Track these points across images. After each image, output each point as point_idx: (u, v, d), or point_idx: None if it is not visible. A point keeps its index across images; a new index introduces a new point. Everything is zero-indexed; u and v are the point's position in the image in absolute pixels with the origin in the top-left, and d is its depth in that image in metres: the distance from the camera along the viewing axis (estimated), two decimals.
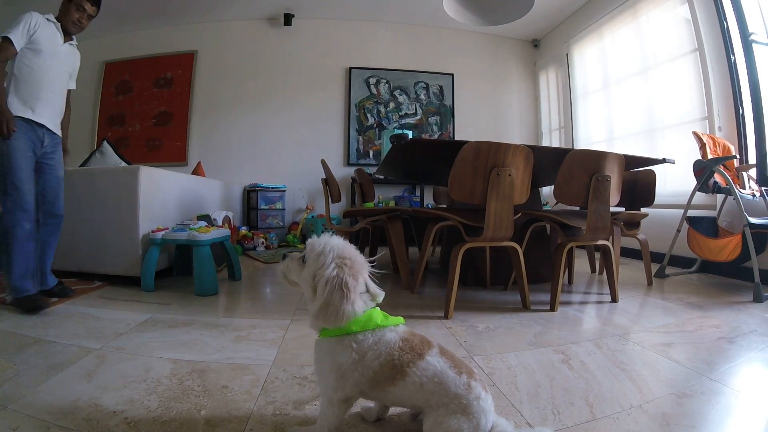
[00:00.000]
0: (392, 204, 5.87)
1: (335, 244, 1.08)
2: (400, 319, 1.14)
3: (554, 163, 2.55)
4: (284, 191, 6.13)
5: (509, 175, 2.30)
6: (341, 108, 6.61)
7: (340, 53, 6.66)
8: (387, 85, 6.63)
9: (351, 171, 6.15)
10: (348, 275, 1.02)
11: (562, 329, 2.20)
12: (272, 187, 6.04)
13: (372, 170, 5.91)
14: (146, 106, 6.64)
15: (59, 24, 2.66)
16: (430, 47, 6.83)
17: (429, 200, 6.19)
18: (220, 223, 4.03)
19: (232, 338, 2.01)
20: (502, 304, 2.73)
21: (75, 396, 1.40)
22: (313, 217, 6.00)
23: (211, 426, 1.21)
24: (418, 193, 6.23)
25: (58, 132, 2.81)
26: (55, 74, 2.69)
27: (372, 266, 1.14)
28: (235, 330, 2.13)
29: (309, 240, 1.12)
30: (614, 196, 2.59)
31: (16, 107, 2.50)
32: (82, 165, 3.98)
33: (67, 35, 2.72)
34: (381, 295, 1.12)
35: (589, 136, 5.97)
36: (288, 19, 6.46)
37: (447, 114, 6.72)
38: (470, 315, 2.43)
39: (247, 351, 1.83)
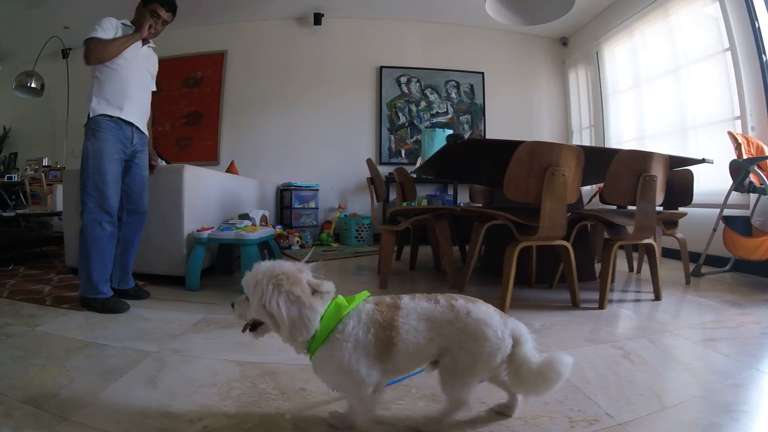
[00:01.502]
0: (424, 203, 6.04)
1: (263, 269, 1.10)
2: (365, 293, 1.20)
3: (588, 163, 2.62)
4: (317, 190, 6.39)
5: (563, 174, 2.42)
6: (372, 107, 6.85)
7: (371, 52, 6.88)
8: (418, 83, 6.87)
9: (383, 170, 6.25)
10: (290, 286, 1.05)
11: (614, 326, 2.35)
12: (305, 186, 6.30)
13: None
14: (175, 106, 6.89)
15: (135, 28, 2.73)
16: (460, 46, 7.04)
17: (462, 199, 6.38)
18: (257, 222, 4.15)
19: None
20: (550, 301, 2.85)
21: (142, 403, 1.38)
22: (345, 216, 6.25)
23: (301, 431, 1.22)
24: (450, 192, 6.43)
25: (146, 131, 2.89)
26: (138, 74, 2.77)
27: (310, 267, 1.18)
28: None
29: (242, 281, 1.14)
30: (659, 196, 2.71)
31: (103, 107, 2.58)
32: None
33: (144, 39, 2.77)
34: (329, 284, 1.14)
35: (620, 135, 6.13)
36: (318, 18, 6.69)
37: (478, 112, 6.94)
38: (523, 313, 2.51)
39: None
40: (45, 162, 7.51)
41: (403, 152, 6.80)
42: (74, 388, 1.49)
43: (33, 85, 6.67)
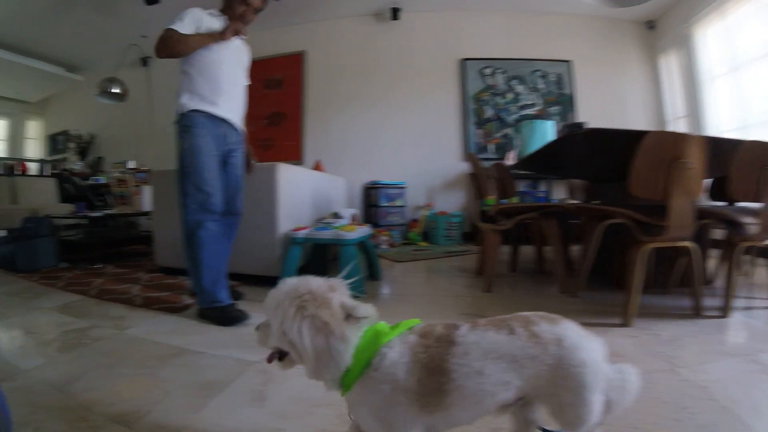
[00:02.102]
0: (515, 200, 5.78)
1: (287, 287, 0.93)
2: (414, 320, 0.98)
3: None
4: (404, 188, 6.33)
5: (691, 167, 2.20)
6: (457, 101, 6.71)
7: (452, 44, 6.74)
8: (503, 75, 6.68)
9: (470, 166, 6.11)
10: (316, 309, 0.87)
11: (745, 337, 2.16)
12: (392, 184, 6.25)
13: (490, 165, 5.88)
14: (257, 108, 6.90)
15: (225, 17, 2.59)
16: (543, 34, 6.80)
17: (556, 195, 6.15)
18: (348, 221, 4.10)
19: None
20: (668, 309, 2.62)
21: (251, 425, 1.26)
22: (433, 214, 6.16)
23: None
24: (543, 189, 6.15)
25: (241, 128, 2.78)
26: (231, 68, 2.63)
27: (347, 284, 0.99)
28: None
29: (265, 302, 0.97)
30: None
31: (196, 102, 2.45)
32: None
33: (235, 31, 2.60)
34: (367, 307, 0.93)
35: (719, 124, 5.73)
36: (395, 13, 6.61)
37: (567, 103, 6.68)
38: (647, 322, 2.31)
39: None
40: (130, 165, 7.74)
41: (490, 147, 6.64)
42: (169, 405, 1.37)
43: (116, 91, 6.97)
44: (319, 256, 3.58)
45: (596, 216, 2.76)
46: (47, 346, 2.02)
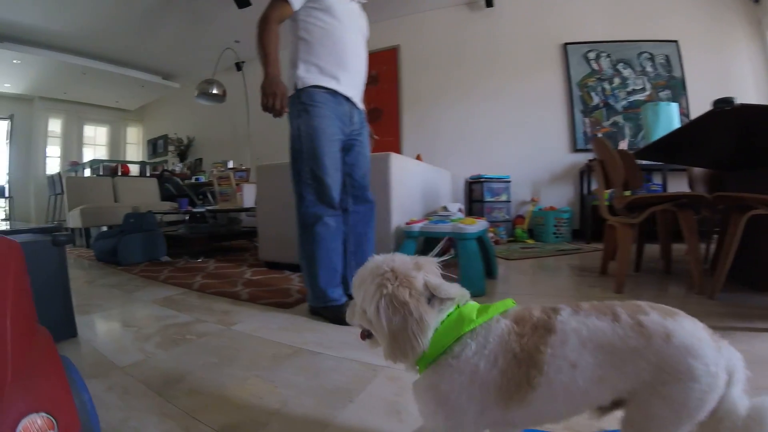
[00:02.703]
0: (627, 193, 5.40)
1: (372, 264, 0.89)
2: (508, 301, 0.87)
3: None
4: (509, 182, 6.14)
5: None
6: (560, 88, 6.42)
7: (551, 29, 6.45)
8: (608, 58, 6.32)
9: (578, 158, 6.04)
10: (396, 288, 0.81)
11: None
12: (497, 178, 6.06)
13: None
14: None
15: None
16: (645, 12, 6.33)
17: (672, 187, 5.69)
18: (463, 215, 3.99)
19: None
20: None
21: None
22: (540, 209, 5.94)
23: None
24: (656, 180, 5.78)
25: (362, 107, 2.49)
26: (354, 37, 2.33)
27: (440, 262, 0.92)
28: None
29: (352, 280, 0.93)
30: None
31: (315, 76, 2.16)
32: None
33: None
34: (453, 287, 0.85)
35: None
36: (489, 0, 6.43)
37: (678, 87, 6.22)
38: None
39: None
40: (230, 164, 8.15)
41: (600, 136, 6.10)
42: (290, 415, 1.20)
43: (215, 92, 7.18)
44: (430, 252, 3.43)
45: (737, 207, 2.51)
46: (146, 341, 1.93)
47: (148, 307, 2.58)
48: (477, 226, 2.85)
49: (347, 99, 2.28)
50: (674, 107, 4.03)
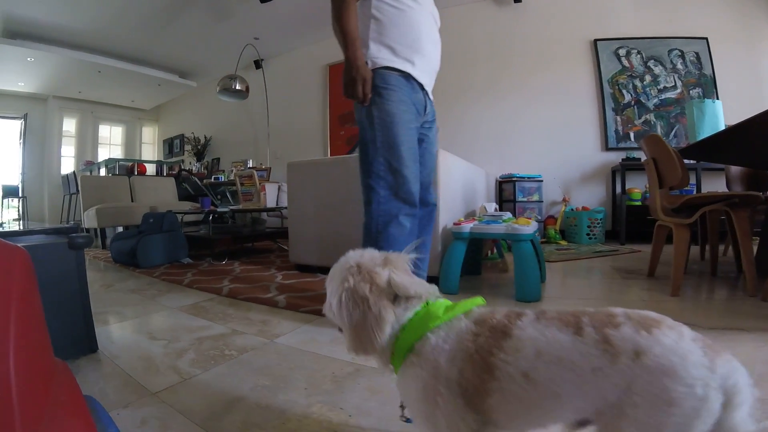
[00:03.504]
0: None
1: (342, 260, 0.89)
2: (477, 299, 0.84)
3: None
4: (541, 181, 5.92)
5: None
6: (591, 86, 6.18)
7: (581, 25, 6.22)
8: (639, 55, 6.07)
9: (610, 156, 5.83)
10: (357, 282, 0.81)
11: None
12: (529, 177, 5.87)
13: (634, 155, 5.50)
14: None
15: None
16: (675, 9, 6.08)
17: (707, 186, 5.44)
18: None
19: None
20: None
21: None
22: (572, 210, 5.70)
23: None
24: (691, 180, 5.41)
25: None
26: (429, 21, 2.08)
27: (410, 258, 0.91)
28: None
29: None
30: None
31: (388, 57, 1.91)
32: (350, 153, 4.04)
33: None
34: (420, 284, 0.84)
35: None
36: None
37: (708, 85, 5.96)
38: None
39: None
40: (250, 163, 7.99)
41: (632, 135, 6.01)
42: None
43: (238, 88, 7.04)
44: (475, 255, 3.27)
45: None
46: (179, 358, 1.67)
47: (175, 315, 2.34)
48: (532, 227, 2.70)
49: (421, 86, 2.02)
50: (719, 105, 3.81)
